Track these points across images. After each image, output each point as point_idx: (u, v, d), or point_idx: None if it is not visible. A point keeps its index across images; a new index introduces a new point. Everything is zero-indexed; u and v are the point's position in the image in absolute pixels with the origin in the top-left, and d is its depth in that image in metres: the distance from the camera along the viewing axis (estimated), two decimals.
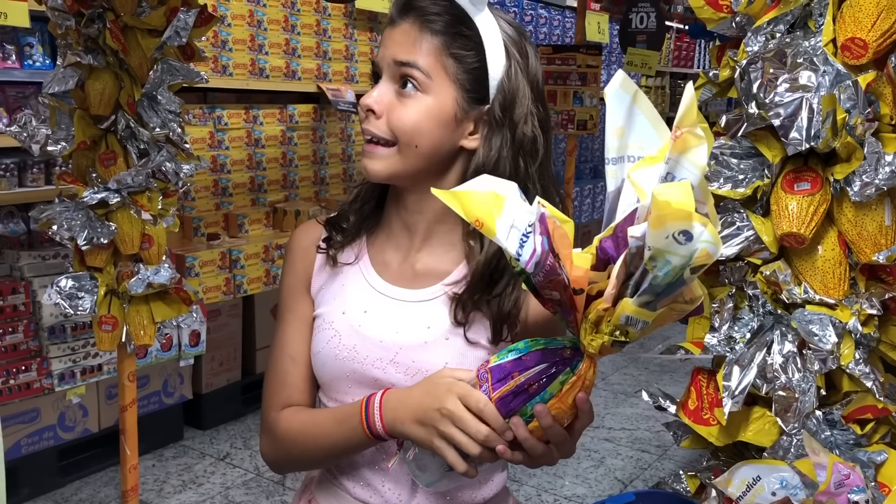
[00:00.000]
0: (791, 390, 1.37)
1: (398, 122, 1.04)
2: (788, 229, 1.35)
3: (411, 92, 1.04)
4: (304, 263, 1.16)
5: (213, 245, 3.42)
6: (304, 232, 1.19)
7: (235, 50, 3.55)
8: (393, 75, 1.05)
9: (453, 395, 0.93)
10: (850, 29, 1.28)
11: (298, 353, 1.13)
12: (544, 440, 0.92)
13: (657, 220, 0.69)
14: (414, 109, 1.04)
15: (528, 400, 0.90)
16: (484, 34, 1.04)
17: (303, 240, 1.18)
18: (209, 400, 3.38)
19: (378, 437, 1.01)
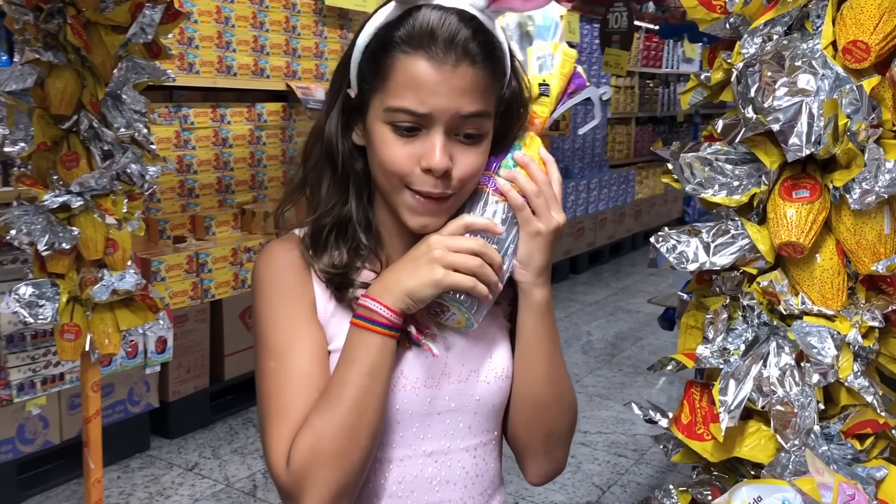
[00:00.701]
0: (789, 405, 1.32)
1: (471, 173, 0.98)
2: (787, 238, 1.30)
3: (476, 138, 0.97)
4: (303, 285, 1.02)
5: (180, 248, 3.32)
6: (284, 251, 1.04)
7: (202, 47, 3.45)
8: (454, 126, 0.95)
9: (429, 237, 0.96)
10: (852, 31, 1.23)
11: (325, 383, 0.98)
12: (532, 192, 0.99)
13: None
14: (480, 154, 0.99)
15: (504, 154, 1.03)
16: (508, 53, 1.00)
17: (288, 260, 1.03)
18: (176, 408, 3.28)
19: (391, 325, 0.95)
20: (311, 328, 1.01)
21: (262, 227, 3.65)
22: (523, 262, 1.02)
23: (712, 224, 1.44)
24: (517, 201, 1.00)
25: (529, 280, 1.03)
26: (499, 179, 1.01)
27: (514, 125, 1.03)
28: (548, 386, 1.09)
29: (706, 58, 1.55)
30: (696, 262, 1.42)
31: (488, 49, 0.96)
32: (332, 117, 1.02)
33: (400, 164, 0.95)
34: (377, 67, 0.95)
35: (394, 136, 0.95)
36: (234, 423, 3.47)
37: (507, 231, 1.01)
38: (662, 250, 1.46)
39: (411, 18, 0.93)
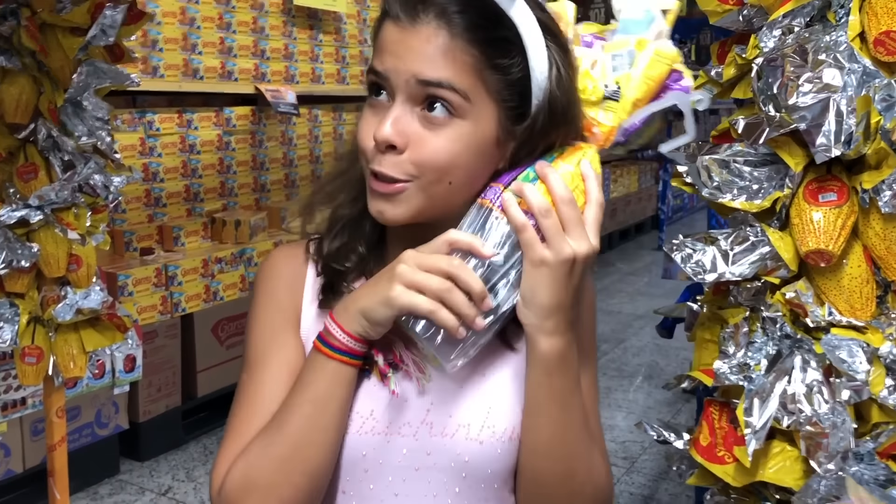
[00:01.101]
0: (819, 425, 1.23)
1: (431, 157, 0.82)
2: (815, 246, 1.21)
3: (443, 118, 0.82)
4: (290, 296, 0.95)
5: (147, 261, 3.17)
6: (285, 257, 0.98)
7: (167, 50, 3.29)
8: (414, 96, 0.82)
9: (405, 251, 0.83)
10: (884, 21, 1.14)
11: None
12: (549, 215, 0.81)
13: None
14: (449, 140, 0.82)
15: (526, 166, 0.85)
16: (523, 32, 0.83)
17: (285, 267, 0.96)
18: (147, 429, 3.13)
19: (346, 350, 0.83)
20: (287, 343, 0.92)
21: (234, 237, 3.51)
22: (526, 298, 0.83)
23: (730, 231, 1.34)
24: (517, 220, 0.82)
25: (533, 323, 0.84)
26: (506, 192, 0.84)
27: (548, 129, 0.86)
28: (549, 462, 0.88)
29: (716, 53, 1.46)
30: (713, 271, 1.32)
31: (474, 9, 0.81)
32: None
33: (362, 136, 0.85)
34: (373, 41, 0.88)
35: (367, 108, 0.86)
36: (209, 442, 3.33)
37: (507, 256, 0.83)
38: (677, 259, 1.36)
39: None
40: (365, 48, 4.44)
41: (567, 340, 0.85)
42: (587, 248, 0.82)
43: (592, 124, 0.89)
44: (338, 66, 4.26)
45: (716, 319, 1.44)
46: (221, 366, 3.40)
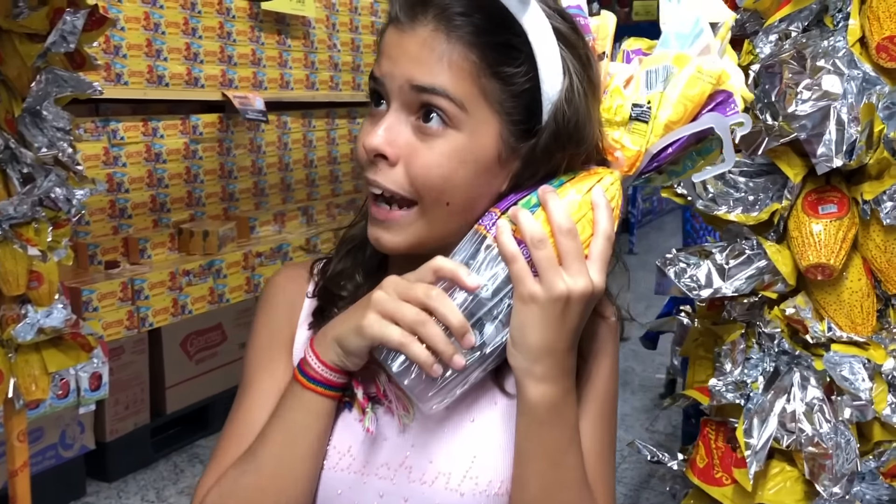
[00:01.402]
0: (821, 445, 1.18)
1: (423, 171, 0.76)
2: (816, 260, 1.16)
3: (437, 128, 0.76)
4: (287, 317, 0.92)
5: (113, 274, 3.06)
6: (288, 277, 0.95)
7: (130, 56, 3.19)
8: (408, 103, 0.76)
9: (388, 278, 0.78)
10: (888, 26, 1.10)
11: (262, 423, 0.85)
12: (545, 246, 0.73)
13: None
14: (442, 153, 0.76)
15: (530, 190, 0.78)
16: (534, 39, 0.76)
17: (287, 287, 0.94)
18: (115, 448, 3.02)
19: (321, 380, 0.78)
20: (278, 366, 0.89)
21: (202, 248, 3.41)
22: (514, 337, 0.75)
23: (725, 244, 1.29)
24: (507, 249, 0.74)
25: (521, 366, 0.76)
26: (501, 219, 0.77)
27: (552, 149, 0.78)
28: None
29: None
30: (709, 287, 1.28)
31: (472, 7, 0.75)
32: None
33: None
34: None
35: (367, 117, 0.81)
36: (179, 459, 3.22)
37: (498, 289, 0.75)
38: (670, 274, 1.31)
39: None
40: (334, 53, 4.36)
41: (561, 389, 0.76)
42: (584, 285, 0.73)
43: (615, 147, 0.81)
44: (307, 71, 4.18)
45: (709, 335, 1.39)
46: (191, 381, 3.31)
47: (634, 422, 3.68)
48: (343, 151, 4.52)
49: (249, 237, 3.81)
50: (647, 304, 5.83)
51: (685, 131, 0.79)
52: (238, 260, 3.51)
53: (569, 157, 0.79)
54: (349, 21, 4.47)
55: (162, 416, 3.22)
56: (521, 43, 0.76)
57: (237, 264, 3.50)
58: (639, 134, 0.80)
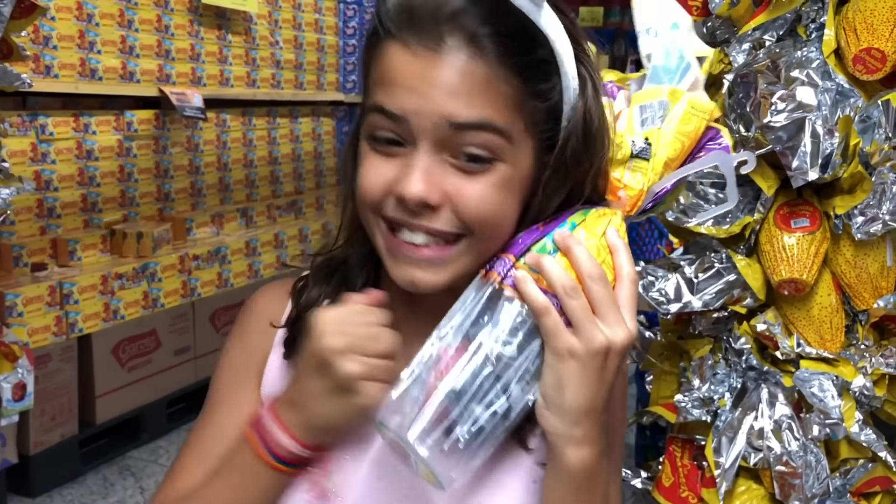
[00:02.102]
0: (790, 464, 1.16)
1: (474, 209, 0.68)
2: (789, 275, 1.14)
3: (483, 165, 0.68)
4: (261, 339, 0.84)
5: (40, 277, 2.90)
6: (267, 296, 0.88)
7: (61, 48, 3.03)
8: (444, 141, 0.68)
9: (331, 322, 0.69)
10: (866, 38, 1.08)
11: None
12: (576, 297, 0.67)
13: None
14: (491, 187, 0.69)
15: (543, 233, 0.72)
16: (556, 44, 0.69)
17: (265, 306, 0.86)
18: (39, 462, 2.86)
19: (299, 462, 0.72)
20: (245, 392, 0.82)
21: (136, 250, 3.27)
22: (549, 398, 0.68)
23: (693, 257, 1.26)
24: (537, 301, 0.67)
25: (558, 430, 0.68)
26: (518, 267, 0.70)
27: (580, 155, 0.72)
28: None
29: None
30: (678, 301, 1.24)
31: (503, 24, 0.67)
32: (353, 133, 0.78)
33: (371, 187, 0.70)
34: (366, 64, 0.72)
35: (371, 152, 0.71)
36: (109, 472, 3.07)
37: (521, 346, 0.68)
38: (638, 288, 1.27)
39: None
40: (276, 50, 4.25)
41: (598, 451, 0.70)
42: (624, 335, 0.68)
43: (618, 186, 0.76)
44: (248, 68, 4.06)
45: (674, 349, 1.36)
46: (123, 389, 3.16)
47: None
48: (284, 151, 4.40)
49: (186, 239, 3.67)
50: None
51: (690, 169, 0.76)
52: (173, 263, 3.37)
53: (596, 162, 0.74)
54: (292, 18, 4.36)
55: (91, 426, 3.06)
56: (549, 54, 0.70)
57: (172, 267, 3.37)
58: (640, 172, 0.75)
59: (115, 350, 3.11)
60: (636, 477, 1.37)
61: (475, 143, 0.68)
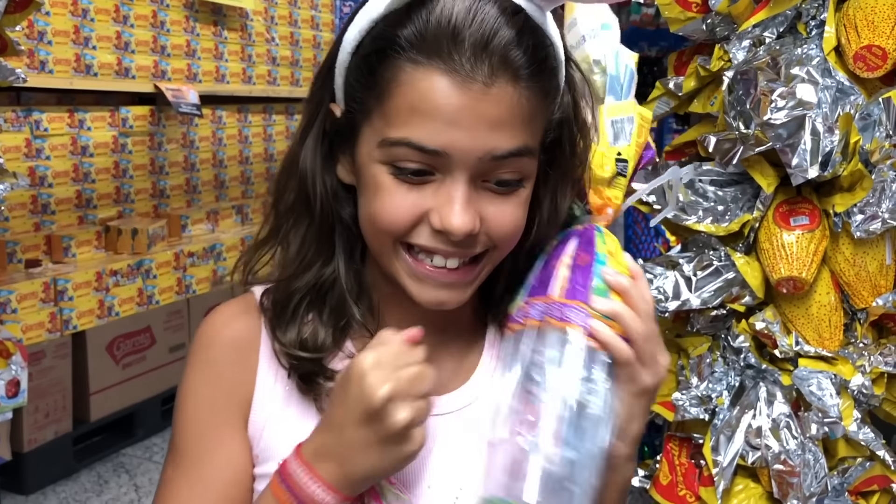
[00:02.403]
0: (789, 462, 1.15)
1: (503, 228, 0.69)
2: (788, 273, 1.13)
3: (515, 188, 0.69)
4: (238, 373, 0.75)
5: (34, 274, 2.89)
6: (228, 321, 0.77)
7: (56, 43, 3.02)
8: (483, 171, 0.67)
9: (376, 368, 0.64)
10: (867, 35, 1.07)
11: None
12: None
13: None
14: (518, 206, 0.70)
15: (589, 272, 0.72)
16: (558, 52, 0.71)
17: (229, 334, 0.76)
18: (33, 459, 2.84)
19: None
20: (231, 441, 0.73)
21: (130, 247, 3.25)
22: (623, 430, 0.73)
23: (692, 255, 1.26)
24: (623, 352, 0.71)
25: (625, 453, 0.75)
26: (592, 317, 0.71)
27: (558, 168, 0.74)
28: None
29: (673, 63, 1.37)
30: (676, 299, 1.23)
31: (538, 57, 0.66)
32: (309, 144, 0.71)
33: (398, 218, 0.67)
34: (371, 80, 0.66)
35: (393, 181, 0.67)
36: (103, 469, 3.06)
37: (608, 390, 0.70)
38: None
39: (424, 9, 0.63)
40: (272, 47, 4.23)
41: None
42: (667, 364, 0.76)
43: (607, 203, 0.77)
44: (243, 64, 4.04)
45: (672, 347, 1.35)
46: (117, 386, 3.15)
47: None
48: (280, 148, 4.39)
49: (181, 236, 3.66)
50: None
51: (654, 184, 0.79)
52: (168, 260, 3.36)
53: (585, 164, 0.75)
54: (288, 14, 4.34)
55: (85, 423, 3.05)
56: (560, 70, 0.71)
57: (167, 264, 3.35)
58: (619, 188, 0.78)
59: (110, 347, 3.10)
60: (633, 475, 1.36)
61: (511, 169, 0.68)
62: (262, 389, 0.74)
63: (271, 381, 0.75)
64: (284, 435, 0.72)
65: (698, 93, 1.31)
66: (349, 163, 0.72)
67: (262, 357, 0.75)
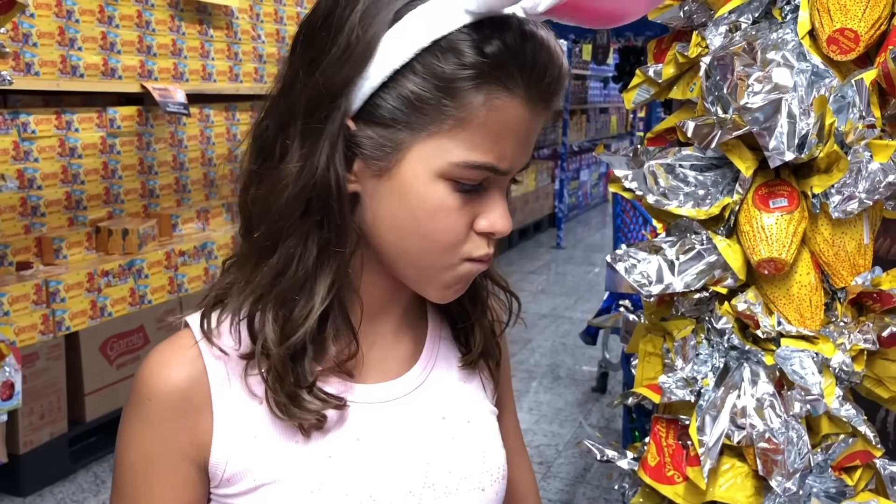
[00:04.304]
0: (773, 440, 1.17)
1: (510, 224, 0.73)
2: (768, 254, 1.15)
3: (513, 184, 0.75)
4: (182, 429, 0.69)
5: (25, 276, 2.90)
6: (166, 376, 0.70)
7: (41, 45, 3.02)
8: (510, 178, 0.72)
9: None
10: (838, 19, 1.09)
11: None
12: None
13: None
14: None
15: None
16: None
17: (168, 388, 0.69)
18: (29, 460, 2.86)
19: None
20: (174, 486, 0.70)
21: (121, 247, 3.26)
22: None
23: (674, 239, 1.27)
24: None
25: None
26: None
27: None
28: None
29: (652, 50, 1.39)
30: (660, 282, 1.25)
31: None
32: (322, 153, 0.66)
33: (458, 232, 0.69)
34: (443, 101, 0.64)
35: (455, 198, 0.67)
36: (100, 470, 3.08)
37: None
38: (620, 270, 1.28)
39: (498, 34, 0.63)
40: (259, 44, 4.23)
41: None
42: None
43: None
44: (230, 62, 4.05)
45: (658, 331, 1.37)
46: (112, 387, 3.16)
47: (568, 416, 3.69)
48: None
49: (171, 235, 3.67)
50: (577, 297, 5.89)
51: None
52: (160, 259, 3.37)
53: None
54: (274, 11, 4.35)
55: (81, 424, 3.06)
56: None
57: (159, 264, 3.37)
58: None
59: (103, 347, 3.11)
60: (622, 458, 1.38)
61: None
62: (225, 422, 0.70)
63: (233, 411, 0.71)
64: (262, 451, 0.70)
65: (678, 79, 1.33)
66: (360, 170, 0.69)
67: (215, 397, 0.70)
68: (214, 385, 0.70)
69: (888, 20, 1.12)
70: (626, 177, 1.27)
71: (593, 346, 3.95)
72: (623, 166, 1.29)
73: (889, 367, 1.21)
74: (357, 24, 0.64)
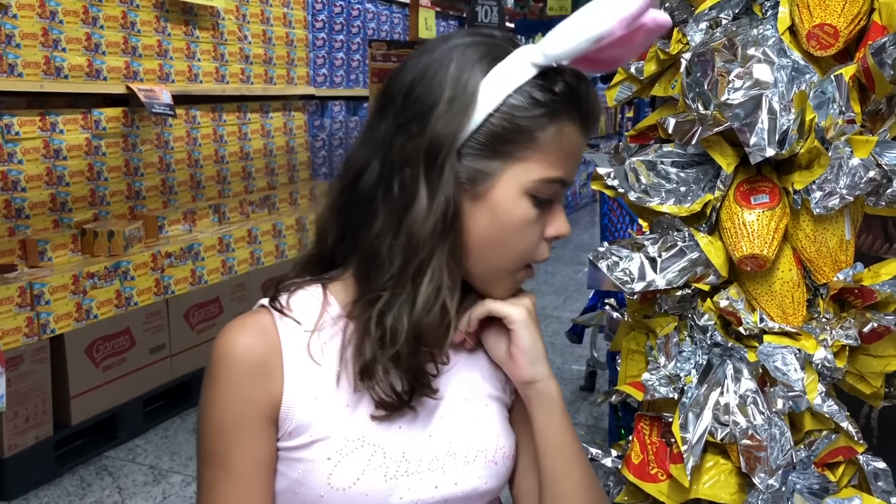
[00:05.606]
0: (756, 437, 1.17)
1: None
2: (749, 251, 1.15)
3: None
4: (261, 388, 0.84)
5: (9, 279, 2.87)
6: (246, 339, 0.85)
7: (24, 46, 3.00)
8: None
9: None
10: (818, 14, 1.09)
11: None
12: None
13: None
14: None
15: None
16: None
17: (248, 352, 0.84)
18: (14, 464, 2.83)
19: None
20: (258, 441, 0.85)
21: (107, 249, 3.24)
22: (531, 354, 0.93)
23: (656, 236, 1.27)
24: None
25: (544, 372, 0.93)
26: None
27: None
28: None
29: None
30: (642, 280, 1.25)
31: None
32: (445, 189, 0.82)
33: (533, 240, 0.87)
34: (521, 135, 0.82)
35: (534, 211, 0.85)
36: (86, 473, 3.05)
37: None
38: (602, 268, 1.28)
39: (560, 79, 0.83)
40: (245, 45, 4.22)
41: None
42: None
43: None
44: (216, 63, 4.03)
45: (641, 328, 1.37)
46: (97, 389, 3.14)
47: None
48: (256, 147, 4.38)
49: (158, 237, 3.65)
50: (565, 297, 5.89)
51: None
52: (146, 261, 3.35)
53: None
54: (260, 12, 4.34)
55: (66, 427, 3.04)
56: None
57: (145, 265, 3.35)
58: None
59: (89, 350, 3.09)
60: (607, 456, 1.38)
61: None
62: (292, 388, 0.84)
63: (299, 378, 0.85)
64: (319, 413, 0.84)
65: (660, 76, 1.33)
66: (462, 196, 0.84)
67: (286, 367, 0.85)
68: (286, 353, 0.85)
69: (867, 16, 1.12)
70: (609, 174, 1.27)
71: (582, 346, 3.95)
72: (605, 164, 1.29)
73: (871, 363, 1.21)
74: (457, 81, 0.81)
